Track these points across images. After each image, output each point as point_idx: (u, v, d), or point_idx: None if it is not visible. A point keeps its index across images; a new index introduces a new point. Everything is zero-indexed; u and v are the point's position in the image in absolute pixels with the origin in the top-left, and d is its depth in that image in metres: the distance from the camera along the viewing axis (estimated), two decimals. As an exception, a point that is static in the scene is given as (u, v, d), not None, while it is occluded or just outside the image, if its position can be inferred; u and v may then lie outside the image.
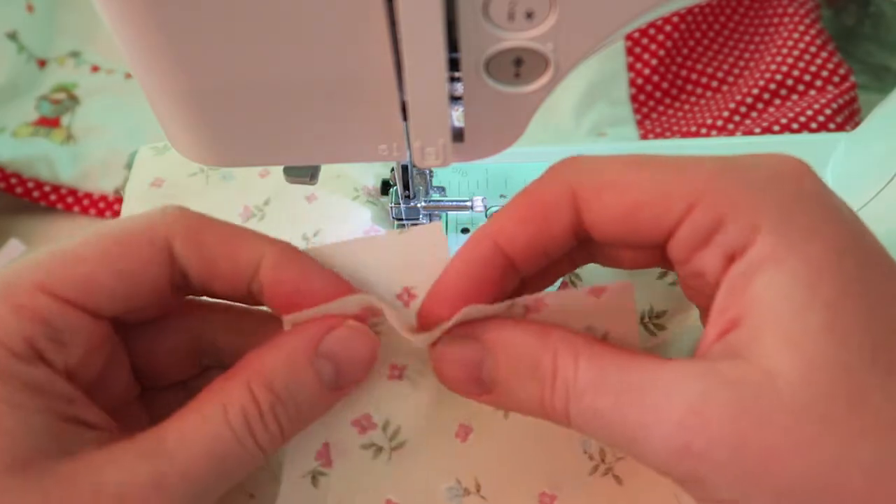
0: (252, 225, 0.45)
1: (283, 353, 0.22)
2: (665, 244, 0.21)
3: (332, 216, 0.46)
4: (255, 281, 0.24)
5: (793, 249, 0.19)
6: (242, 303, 0.25)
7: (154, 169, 0.49)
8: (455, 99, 0.24)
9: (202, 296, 0.25)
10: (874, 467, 0.17)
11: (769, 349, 0.18)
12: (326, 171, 0.47)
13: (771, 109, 0.59)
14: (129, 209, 0.48)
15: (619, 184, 0.21)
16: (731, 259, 0.20)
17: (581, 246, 0.24)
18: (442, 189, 0.48)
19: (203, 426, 0.21)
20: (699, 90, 0.63)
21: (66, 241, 0.22)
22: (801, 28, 0.61)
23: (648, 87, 0.63)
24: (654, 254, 0.23)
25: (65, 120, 0.62)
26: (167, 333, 0.25)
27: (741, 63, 0.64)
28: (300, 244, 0.46)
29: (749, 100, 0.59)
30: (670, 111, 0.63)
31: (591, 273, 0.29)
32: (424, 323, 0.24)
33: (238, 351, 0.24)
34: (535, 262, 0.23)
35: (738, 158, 0.21)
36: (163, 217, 0.23)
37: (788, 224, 0.19)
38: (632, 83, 0.63)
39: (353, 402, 0.25)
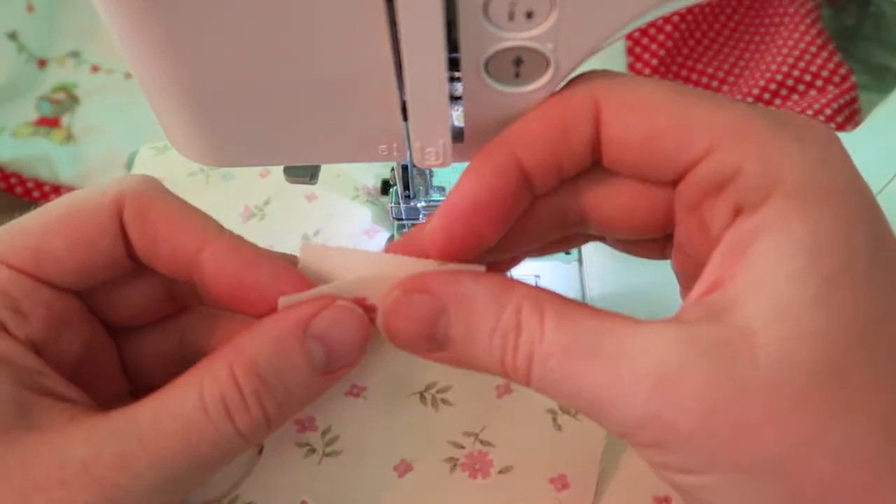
0: (253, 225, 0.46)
1: (271, 334, 0.21)
2: (677, 183, 0.20)
3: (333, 216, 0.46)
4: (196, 269, 0.23)
5: (804, 215, 0.18)
6: (187, 286, 0.24)
7: (154, 169, 0.50)
8: (455, 99, 0.24)
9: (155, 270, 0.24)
10: (843, 451, 0.17)
11: (755, 315, 0.17)
12: (326, 170, 0.47)
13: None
14: None
15: (644, 106, 0.20)
16: (739, 212, 0.19)
17: (575, 192, 0.22)
18: (442, 189, 0.48)
19: (177, 408, 0.20)
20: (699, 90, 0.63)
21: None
22: (802, 28, 0.61)
23: (648, 87, 0.63)
24: (660, 203, 0.21)
25: (65, 120, 0.62)
26: (156, 336, 0.25)
27: (741, 63, 0.64)
28: (300, 243, 0.46)
29: (749, 100, 0.59)
30: (670, 111, 0.63)
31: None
32: (432, 240, 0.22)
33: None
34: (550, 179, 0.22)
35: (770, 111, 0.20)
36: (115, 186, 0.23)
37: (805, 188, 0.18)
38: (632, 83, 0.63)
39: None
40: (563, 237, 0.25)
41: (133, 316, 0.25)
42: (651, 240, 0.23)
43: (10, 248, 0.21)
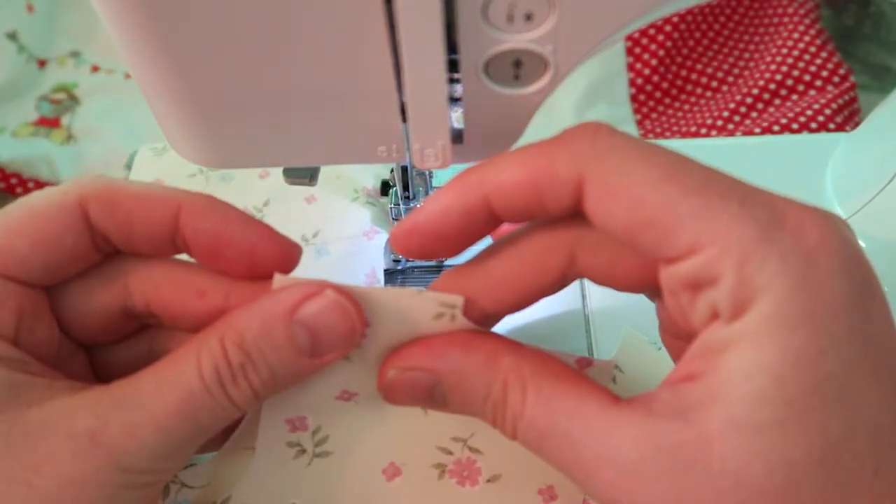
0: (252, 225, 0.46)
1: (260, 314, 0.22)
2: (658, 264, 0.21)
3: (332, 217, 0.46)
4: (179, 236, 0.24)
5: (775, 338, 0.18)
6: (143, 307, 0.25)
7: (154, 170, 0.50)
8: (454, 100, 0.24)
9: (133, 255, 0.25)
10: None
11: (716, 424, 0.18)
12: (326, 172, 0.47)
13: (771, 109, 0.59)
14: None
15: (629, 194, 0.19)
16: (715, 316, 0.19)
17: (568, 262, 0.23)
18: (442, 189, 0.48)
19: (178, 378, 0.21)
20: (699, 90, 0.63)
21: None
22: (801, 28, 0.61)
23: (648, 87, 0.63)
24: (649, 270, 0.22)
25: (65, 120, 0.62)
26: (92, 291, 0.25)
27: (741, 63, 0.64)
28: (300, 244, 0.46)
29: (749, 100, 0.59)
30: (670, 111, 0.63)
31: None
32: (393, 244, 0.23)
33: (166, 305, 0.24)
34: (518, 221, 0.23)
35: (765, 202, 0.19)
36: (76, 185, 0.23)
37: (779, 310, 0.18)
38: (632, 83, 0.63)
39: (294, 404, 0.26)
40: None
41: (96, 334, 0.25)
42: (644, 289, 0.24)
43: None
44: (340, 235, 0.45)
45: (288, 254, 0.25)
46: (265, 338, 0.22)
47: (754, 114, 0.59)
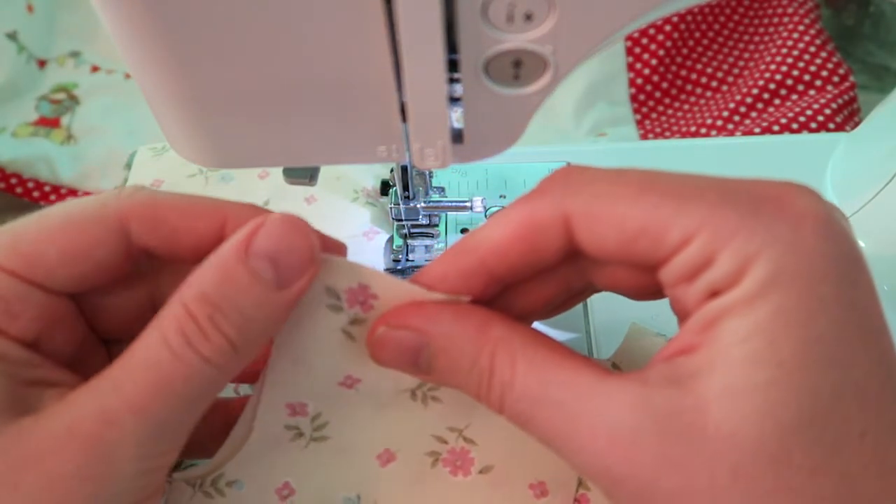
0: (252, 225, 0.46)
1: (215, 264, 0.21)
2: (657, 271, 0.21)
3: (332, 217, 0.46)
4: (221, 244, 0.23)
5: (766, 299, 0.18)
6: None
7: (153, 170, 0.50)
8: (454, 100, 0.24)
9: (171, 264, 0.25)
10: None
11: (711, 389, 0.19)
12: (326, 173, 0.47)
13: (771, 109, 0.59)
14: None
15: (614, 215, 0.20)
16: (713, 294, 0.20)
17: (575, 266, 0.23)
18: (441, 189, 0.48)
19: (144, 352, 0.21)
20: (699, 90, 0.63)
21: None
22: (801, 28, 0.61)
23: (648, 87, 0.63)
24: (652, 277, 0.22)
25: (65, 120, 0.62)
26: (120, 295, 0.25)
27: (741, 63, 0.64)
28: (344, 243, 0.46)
29: (749, 100, 0.59)
30: (670, 111, 0.63)
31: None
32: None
33: None
34: (521, 277, 0.23)
35: (743, 189, 0.20)
36: (116, 199, 0.23)
37: (772, 274, 0.18)
38: (632, 83, 0.63)
39: (296, 389, 0.25)
40: (569, 297, 0.26)
41: (124, 330, 0.25)
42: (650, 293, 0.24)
43: (5, 252, 0.22)
44: (340, 236, 0.44)
45: (338, 251, 0.25)
46: (227, 283, 0.21)
47: (754, 114, 0.59)
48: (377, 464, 0.27)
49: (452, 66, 0.22)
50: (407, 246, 0.45)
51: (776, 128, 0.56)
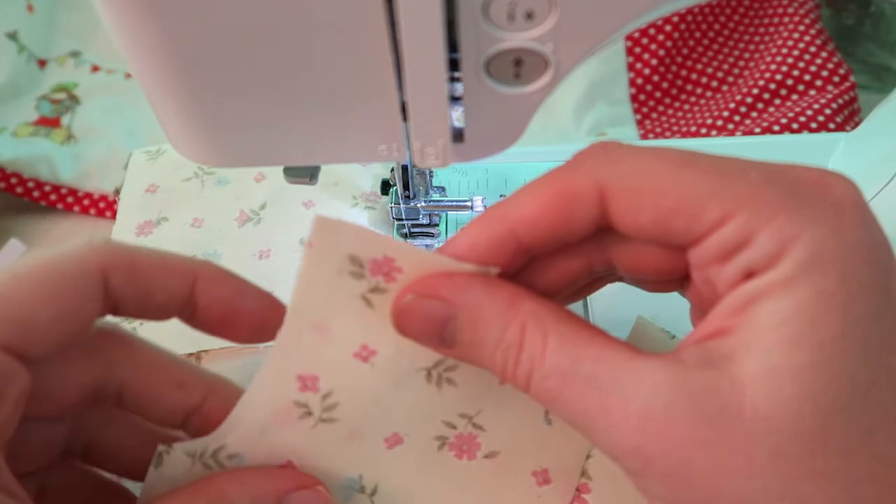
0: (248, 229, 0.45)
1: (249, 492, 0.23)
2: (687, 250, 0.21)
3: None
4: (187, 305, 0.24)
5: (807, 281, 0.18)
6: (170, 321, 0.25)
7: (148, 174, 0.49)
8: (455, 99, 0.24)
9: (118, 334, 0.24)
10: None
11: (748, 371, 0.18)
12: (324, 178, 0.47)
13: (771, 109, 0.59)
14: (124, 215, 0.48)
15: (652, 190, 0.20)
16: (748, 276, 0.19)
17: (600, 244, 0.23)
18: (442, 189, 0.48)
19: None
20: (699, 90, 0.63)
21: None
22: (801, 28, 0.61)
23: (648, 87, 0.63)
24: (678, 259, 0.22)
25: (65, 120, 0.62)
26: (73, 365, 0.23)
27: (741, 63, 0.64)
28: (297, 249, 0.46)
29: (749, 100, 0.59)
30: (670, 111, 0.63)
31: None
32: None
33: (142, 391, 0.24)
34: (549, 249, 0.23)
35: (783, 172, 0.20)
36: (93, 251, 0.22)
37: (812, 256, 0.18)
38: (632, 83, 0.63)
39: (309, 358, 0.25)
40: (591, 281, 0.25)
41: (60, 410, 0.24)
42: (670, 280, 0.24)
43: None
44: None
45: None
46: None
47: (754, 114, 0.59)
48: (384, 447, 0.26)
49: (453, 64, 0.22)
50: (407, 245, 0.45)
51: (776, 128, 0.56)
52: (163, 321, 0.25)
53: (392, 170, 0.41)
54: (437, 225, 0.45)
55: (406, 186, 0.40)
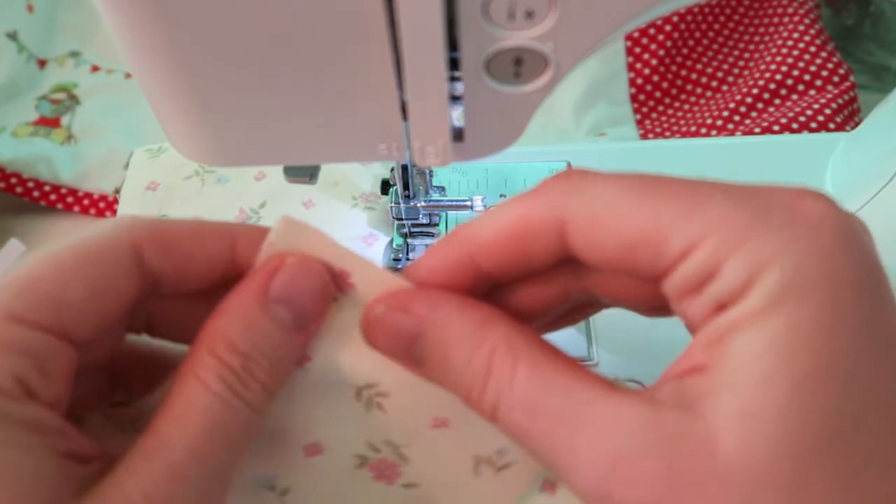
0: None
1: (237, 312, 0.21)
2: (659, 282, 0.20)
3: (331, 222, 0.46)
4: (231, 268, 0.23)
5: (780, 311, 0.17)
6: (211, 293, 0.24)
7: (149, 172, 0.50)
8: (455, 98, 0.24)
9: (169, 297, 0.24)
10: None
11: (721, 412, 0.17)
12: (324, 178, 0.47)
13: (771, 109, 0.59)
14: (124, 212, 0.48)
15: (612, 221, 0.19)
16: (720, 308, 0.18)
17: (575, 273, 0.22)
18: (442, 189, 0.48)
19: (191, 405, 0.20)
20: (699, 90, 0.63)
21: (24, 262, 0.21)
22: (801, 28, 0.61)
23: (648, 87, 0.63)
24: (655, 288, 0.21)
25: (65, 120, 0.62)
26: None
27: (741, 63, 0.64)
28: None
29: (749, 100, 0.59)
30: (670, 111, 0.63)
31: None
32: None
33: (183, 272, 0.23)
34: (512, 277, 0.22)
35: (754, 193, 0.18)
36: (122, 228, 0.22)
37: (785, 284, 0.17)
38: (632, 83, 0.63)
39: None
40: (573, 308, 0.25)
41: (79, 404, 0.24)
42: (658, 307, 0.22)
43: (28, 302, 0.20)
44: (339, 239, 0.45)
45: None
46: (252, 331, 0.21)
47: (754, 113, 0.59)
48: (302, 454, 0.26)
49: (453, 64, 0.22)
50: (407, 245, 0.45)
51: (776, 128, 0.56)
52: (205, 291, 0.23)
53: (392, 169, 0.41)
54: (436, 224, 0.45)
55: (406, 186, 0.40)
